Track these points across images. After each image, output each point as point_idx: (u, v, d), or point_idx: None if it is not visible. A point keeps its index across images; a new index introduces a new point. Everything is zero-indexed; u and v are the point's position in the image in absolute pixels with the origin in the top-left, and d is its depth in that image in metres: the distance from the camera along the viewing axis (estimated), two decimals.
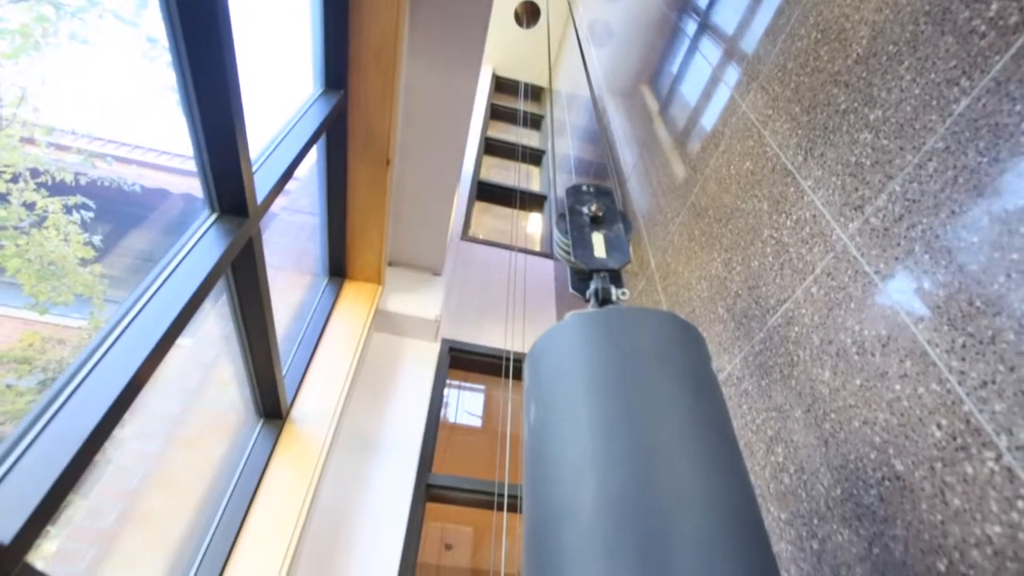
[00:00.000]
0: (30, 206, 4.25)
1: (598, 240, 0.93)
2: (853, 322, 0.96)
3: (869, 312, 0.93)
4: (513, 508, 2.03)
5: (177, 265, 1.11)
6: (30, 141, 4.54)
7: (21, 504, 0.65)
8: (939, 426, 0.77)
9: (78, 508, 1.71)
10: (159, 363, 0.91)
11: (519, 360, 2.47)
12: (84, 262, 4.54)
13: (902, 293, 0.89)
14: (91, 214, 4.56)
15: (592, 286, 0.88)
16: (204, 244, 1.18)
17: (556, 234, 0.98)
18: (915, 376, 0.82)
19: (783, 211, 1.22)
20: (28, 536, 0.66)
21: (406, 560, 1.82)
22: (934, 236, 0.85)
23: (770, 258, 1.22)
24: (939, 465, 0.76)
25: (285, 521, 1.66)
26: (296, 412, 1.85)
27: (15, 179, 4.23)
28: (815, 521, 0.93)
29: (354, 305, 2.28)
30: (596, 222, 0.97)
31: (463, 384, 5.07)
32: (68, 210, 4.43)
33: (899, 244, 0.91)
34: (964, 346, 0.76)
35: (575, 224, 0.96)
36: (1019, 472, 0.66)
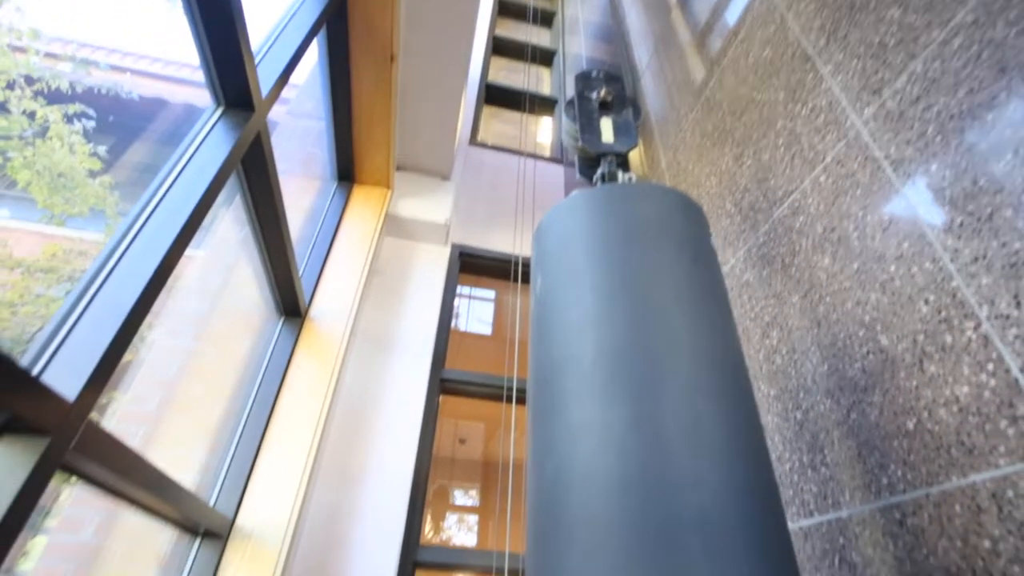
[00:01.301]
0: (31, 115, 4.18)
1: (606, 125, 0.93)
2: (857, 208, 0.97)
3: (874, 198, 0.94)
4: (521, 401, 2.18)
5: (190, 159, 1.13)
6: (20, 50, 4.36)
7: (82, 364, 0.73)
8: (927, 302, 0.81)
9: (122, 401, 1.86)
10: (185, 248, 0.96)
11: (528, 265, 2.52)
12: (92, 174, 4.54)
13: (908, 177, 0.89)
14: (92, 123, 4.48)
15: (599, 171, 0.89)
16: (213, 138, 1.19)
17: (564, 120, 0.98)
18: (910, 257, 0.85)
19: (799, 99, 1.18)
20: (91, 394, 0.74)
21: (423, 448, 1.99)
22: (949, 116, 0.84)
23: (781, 149, 1.21)
24: (921, 337, 0.80)
25: (311, 410, 1.80)
26: (314, 311, 1.94)
27: (11, 86, 4.12)
28: (801, 395, 1.01)
29: (364, 210, 2.29)
30: (605, 107, 0.96)
31: (473, 294, 5.20)
32: (69, 119, 4.35)
33: (912, 127, 0.90)
34: (961, 225, 0.78)
35: (583, 110, 0.95)
36: (995, 339, 0.70)
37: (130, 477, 0.93)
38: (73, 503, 1.48)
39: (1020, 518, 0.63)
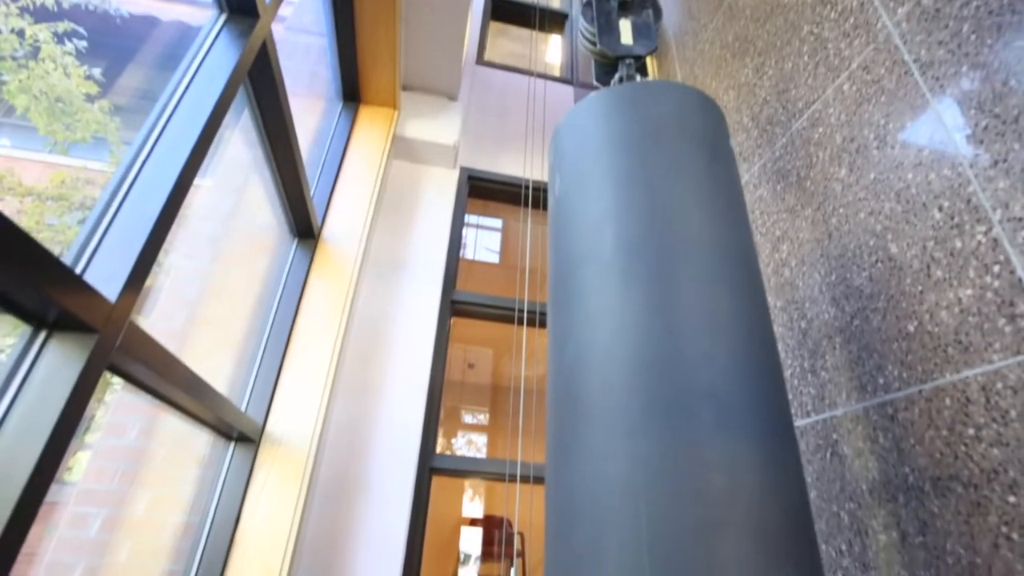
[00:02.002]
0: (20, 34, 4.02)
1: (625, 27, 0.89)
2: (880, 116, 0.95)
3: (898, 105, 0.92)
4: (532, 323, 2.24)
5: (197, 70, 1.11)
6: None
7: (119, 267, 0.77)
8: (940, 208, 0.81)
9: (149, 319, 1.93)
10: (203, 156, 0.96)
11: (537, 188, 2.50)
12: (90, 98, 4.42)
13: (937, 81, 0.86)
14: (84, 43, 4.31)
15: (617, 75, 0.87)
16: (218, 49, 1.16)
17: (581, 22, 0.94)
18: (929, 163, 0.84)
19: (828, 1, 1.12)
20: (130, 295, 0.78)
21: (436, 366, 2.07)
22: (988, 12, 0.80)
23: (805, 57, 1.16)
24: (931, 244, 0.82)
25: (328, 328, 1.87)
26: (327, 232, 1.96)
27: None
28: (806, 305, 1.04)
29: (371, 131, 2.25)
30: (624, 8, 0.92)
31: (480, 223, 5.18)
32: (59, 39, 4.18)
33: (947, 26, 0.86)
34: (985, 128, 0.77)
35: (601, 10, 0.91)
36: (1004, 241, 0.72)
37: (170, 379, 1.00)
38: (116, 410, 1.58)
39: (1005, 407, 0.67)
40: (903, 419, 0.81)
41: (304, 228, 1.86)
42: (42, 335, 0.72)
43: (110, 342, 0.78)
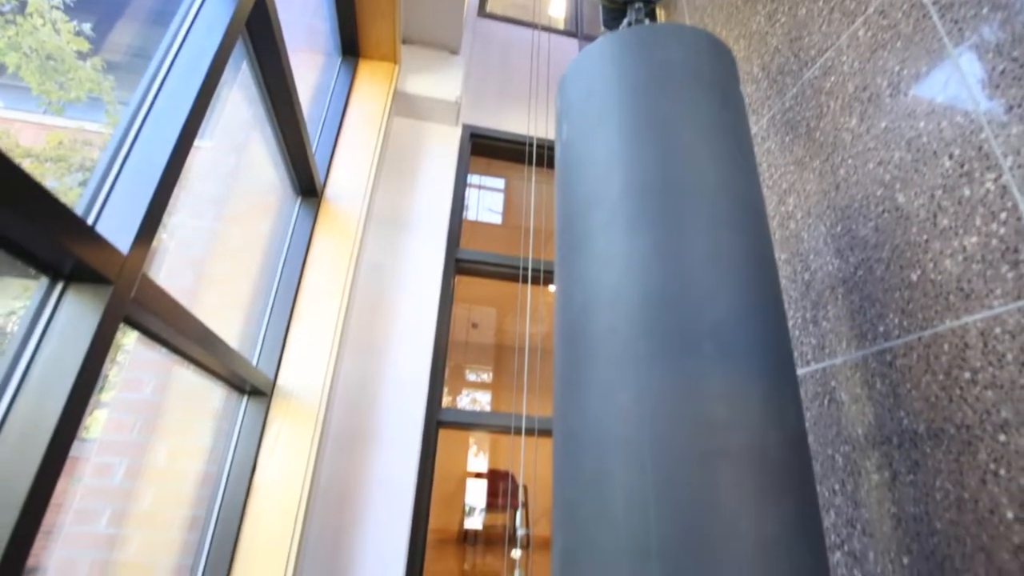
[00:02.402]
0: None
1: None
2: (895, 63, 0.93)
3: (914, 50, 0.90)
4: (536, 281, 2.25)
5: (192, 23, 1.08)
6: None
7: (130, 218, 0.77)
8: (951, 156, 0.81)
9: (155, 278, 1.95)
10: (205, 109, 0.95)
11: (542, 146, 2.46)
12: (82, 55, 4.31)
13: (955, 24, 0.84)
14: None
15: (625, 20, 0.85)
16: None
17: None
18: (942, 111, 0.83)
19: None
20: (142, 247, 0.79)
21: (441, 321, 2.10)
22: None
23: (820, 3, 1.12)
24: (939, 192, 0.82)
25: (334, 284, 1.89)
26: (330, 190, 1.95)
27: None
28: (811, 257, 1.05)
29: (372, 86, 2.21)
30: None
31: (483, 184, 5.13)
32: None
33: None
34: (1003, 72, 0.75)
35: None
36: (1013, 188, 0.72)
37: (183, 331, 1.02)
38: (131, 367, 1.62)
39: (1002, 351, 0.69)
40: (901, 365, 0.83)
41: (307, 186, 1.86)
42: (59, 286, 0.74)
43: (125, 293, 0.80)
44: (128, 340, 1.69)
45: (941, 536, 0.73)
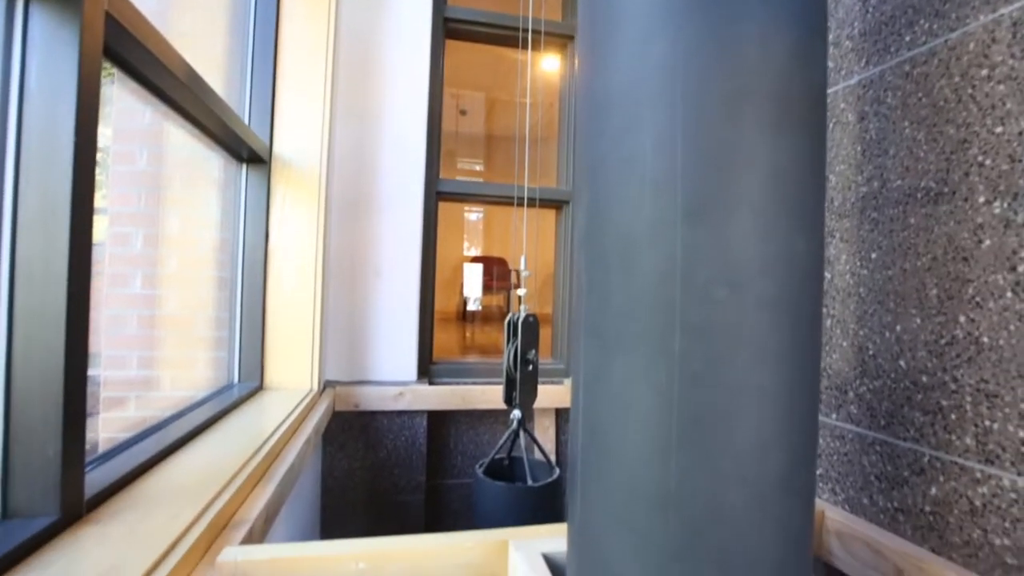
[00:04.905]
0: None
1: None
2: None
3: None
4: (536, 46, 2.05)
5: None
6: None
7: None
8: None
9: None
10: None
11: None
12: None
13: None
14: None
15: None
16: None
17: None
18: None
19: None
20: None
21: (434, 91, 1.96)
22: None
23: None
24: None
25: (314, 45, 1.73)
26: None
27: None
28: None
29: None
30: None
31: None
32: None
33: None
34: None
35: None
36: None
37: (169, 69, 0.95)
38: (118, 139, 1.56)
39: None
40: (917, 74, 0.82)
41: None
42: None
43: (97, 12, 0.72)
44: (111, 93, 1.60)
45: (912, 229, 0.82)
